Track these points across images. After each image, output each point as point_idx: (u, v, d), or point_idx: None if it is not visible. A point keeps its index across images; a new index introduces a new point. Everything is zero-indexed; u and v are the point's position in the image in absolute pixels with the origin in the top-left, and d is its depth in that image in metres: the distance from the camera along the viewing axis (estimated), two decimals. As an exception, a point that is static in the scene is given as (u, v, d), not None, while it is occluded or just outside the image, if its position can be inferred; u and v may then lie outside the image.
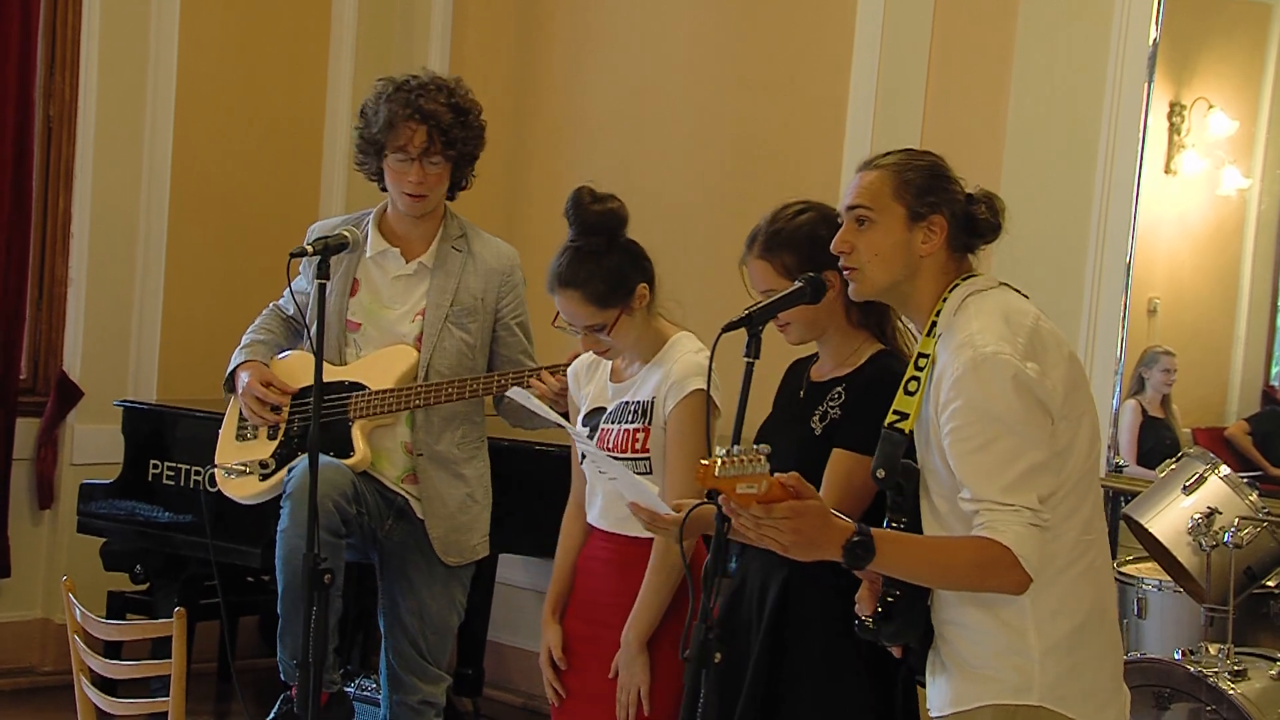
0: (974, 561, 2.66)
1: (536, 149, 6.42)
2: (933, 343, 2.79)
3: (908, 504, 2.80)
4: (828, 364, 3.24)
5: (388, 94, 4.08)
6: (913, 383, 2.79)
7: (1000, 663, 2.74)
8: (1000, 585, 2.69)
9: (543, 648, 3.60)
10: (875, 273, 2.83)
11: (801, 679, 3.12)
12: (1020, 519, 2.65)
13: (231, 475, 4.16)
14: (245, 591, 5.82)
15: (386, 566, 4.17)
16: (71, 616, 3.67)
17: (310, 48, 6.65)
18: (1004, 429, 2.67)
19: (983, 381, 2.67)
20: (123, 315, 6.17)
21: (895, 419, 2.79)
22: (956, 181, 2.89)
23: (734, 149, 5.79)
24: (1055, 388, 2.72)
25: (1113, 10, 4.84)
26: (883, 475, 2.79)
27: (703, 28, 5.96)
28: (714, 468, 2.51)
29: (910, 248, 2.82)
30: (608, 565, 3.53)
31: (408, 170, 4.05)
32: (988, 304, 2.78)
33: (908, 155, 2.89)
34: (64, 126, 6.05)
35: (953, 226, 2.84)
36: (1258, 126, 4.89)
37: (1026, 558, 2.64)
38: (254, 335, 4.27)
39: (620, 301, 3.43)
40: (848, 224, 2.86)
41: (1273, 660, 3.91)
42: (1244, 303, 4.93)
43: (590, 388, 3.62)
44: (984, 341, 2.70)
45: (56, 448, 6.06)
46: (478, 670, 5.57)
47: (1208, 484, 4.05)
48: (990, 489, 2.66)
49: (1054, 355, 2.75)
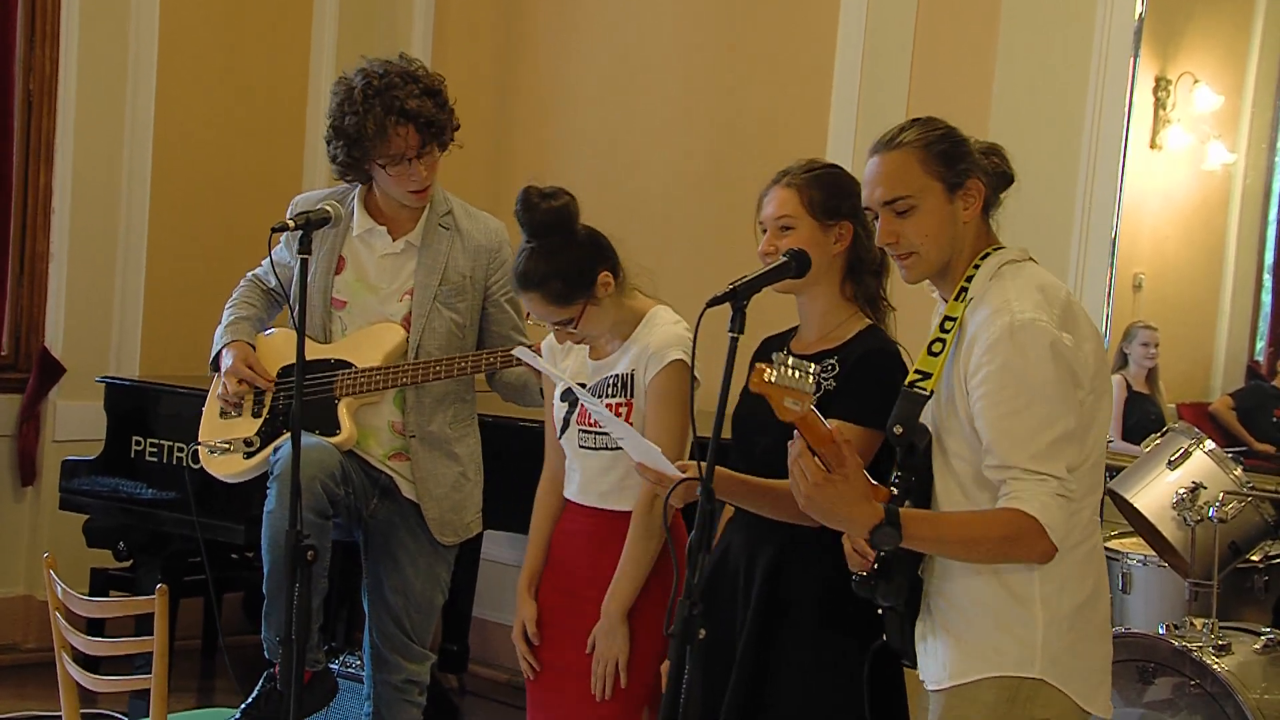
0: (1002, 536, 2.66)
1: (523, 123, 6.40)
2: (961, 307, 2.76)
3: (919, 462, 2.79)
4: (811, 334, 3.22)
5: (361, 101, 3.93)
6: (937, 344, 2.77)
7: (1002, 634, 2.73)
8: (1026, 556, 2.68)
9: (516, 622, 3.60)
10: (930, 253, 2.80)
11: (792, 654, 3.11)
12: (1047, 488, 2.64)
13: (215, 453, 4.14)
14: (229, 568, 5.81)
15: (371, 545, 4.16)
16: (53, 593, 3.66)
17: (293, 20, 6.62)
18: (1037, 395, 2.65)
19: (1019, 347, 2.66)
20: (104, 291, 6.15)
21: (917, 378, 2.78)
22: (969, 141, 2.86)
23: (720, 123, 5.78)
24: (1087, 358, 2.72)
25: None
26: (900, 432, 2.77)
27: (689, 3, 5.94)
28: (770, 373, 2.50)
29: (955, 219, 2.80)
30: (587, 539, 3.52)
31: (407, 172, 3.98)
32: (1024, 273, 2.77)
33: (923, 128, 2.84)
34: (44, 100, 6.01)
35: (986, 186, 2.82)
36: (1243, 101, 4.88)
37: (1053, 527, 2.64)
38: (236, 311, 4.23)
39: (582, 295, 3.41)
40: (886, 217, 2.81)
41: (1257, 634, 3.92)
42: (1229, 278, 4.93)
43: (568, 363, 3.60)
44: (1021, 308, 2.68)
45: (38, 424, 6.04)
46: (463, 646, 5.57)
47: (1192, 459, 4.05)
48: (1019, 455, 2.65)
49: (1085, 329, 2.75)
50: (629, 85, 6.07)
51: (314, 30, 6.64)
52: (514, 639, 3.60)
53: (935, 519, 2.74)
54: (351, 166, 4.02)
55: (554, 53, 6.32)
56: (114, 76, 6.09)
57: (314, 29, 6.64)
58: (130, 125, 6.14)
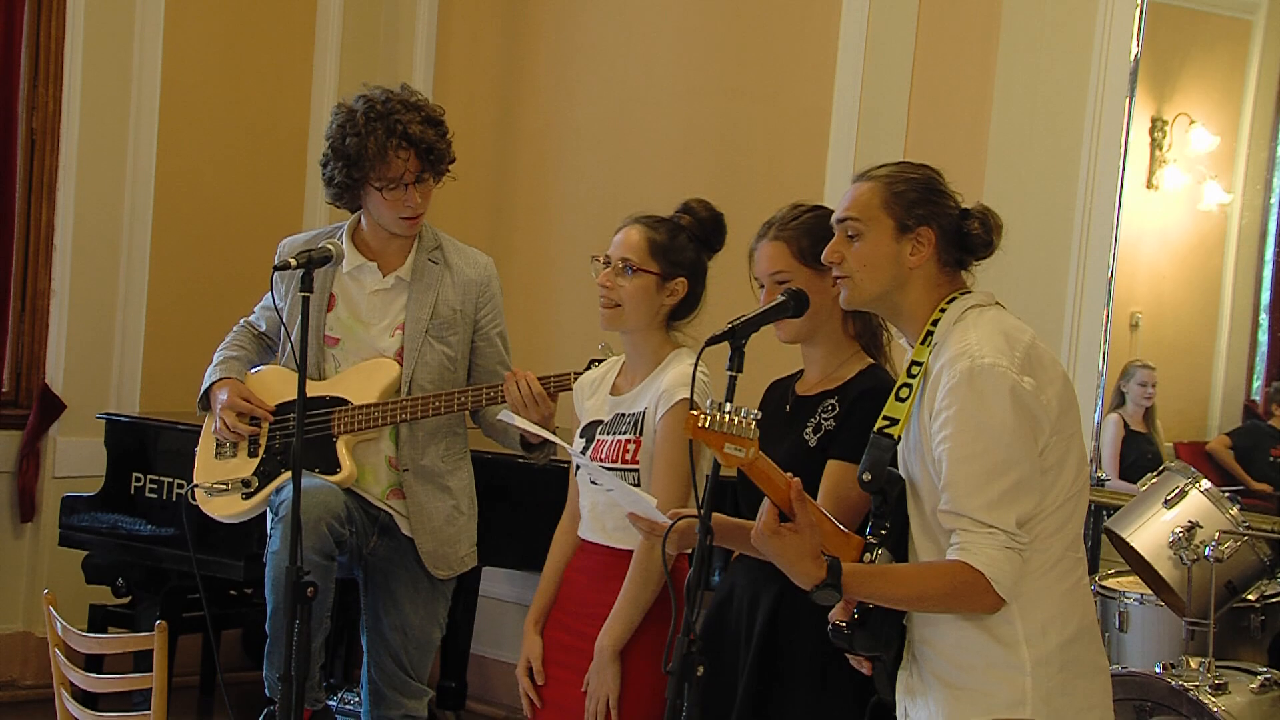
0: (947, 589, 2.69)
1: (522, 157, 6.43)
2: (927, 351, 2.79)
3: (891, 510, 2.80)
4: (814, 376, 3.25)
5: (363, 123, 3.97)
6: (904, 389, 2.80)
7: (991, 676, 2.74)
8: (973, 608, 2.71)
9: (521, 657, 3.60)
10: (864, 282, 2.84)
11: (793, 695, 3.12)
12: (996, 542, 2.66)
13: (213, 494, 4.13)
14: (228, 605, 5.81)
15: (370, 582, 4.16)
16: (53, 630, 3.66)
17: (294, 59, 6.65)
18: (995, 441, 2.67)
19: (978, 391, 2.68)
20: (105, 328, 6.16)
21: (885, 424, 2.80)
22: (950, 196, 2.89)
23: (719, 159, 5.81)
24: (1050, 403, 2.73)
25: (1094, 25, 4.86)
26: (868, 479, 2.80)
27: (688, 38, 5.98)
28: (700, 419, 2.52)
29: (899, 259, 2.83)
30: (591, 577, 3.53)
31: (403, 197, 4.01)
32: (987, 317, 2.80)
33: (901, 168, 2.90)
34: (47, 139, 6.04)
35: (942, 240, 2.84)
36: (1239, 142, 4.91)
37: (999, 580, 2.66)
38: (226, 352, 4.24)
39: (661, 267, 3.48)
40: (838, 235, 2.87)
41: (1253, 674, 3.92)
42: (1225, 317, 4.95)
43: (591, 402, 3.64)
44: (981, 352, 2.70)
45: (39, 460, 6.04)
46: (461, 683, 5.56)
47: (1189, 498, 4.06)
48: (971, 503, 2.67)
49: (1050, 373, 2.76)
50: (628, 121, 6.10)
51: (315, 68, 6.68)
52: (518, 674, 3.61)
53: (879, 575, 2.74)
54: (347, 189, 4.05)
55: (554, 88, 6.35)
56: (116, 115, 6.12)
57: (315, 66, 6.68)
58: (132, 163, 6.16)
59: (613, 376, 3.64)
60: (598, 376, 3.66)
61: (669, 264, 3.50)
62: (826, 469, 3.09)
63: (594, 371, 3.70)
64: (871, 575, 2.73)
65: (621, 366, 3.64)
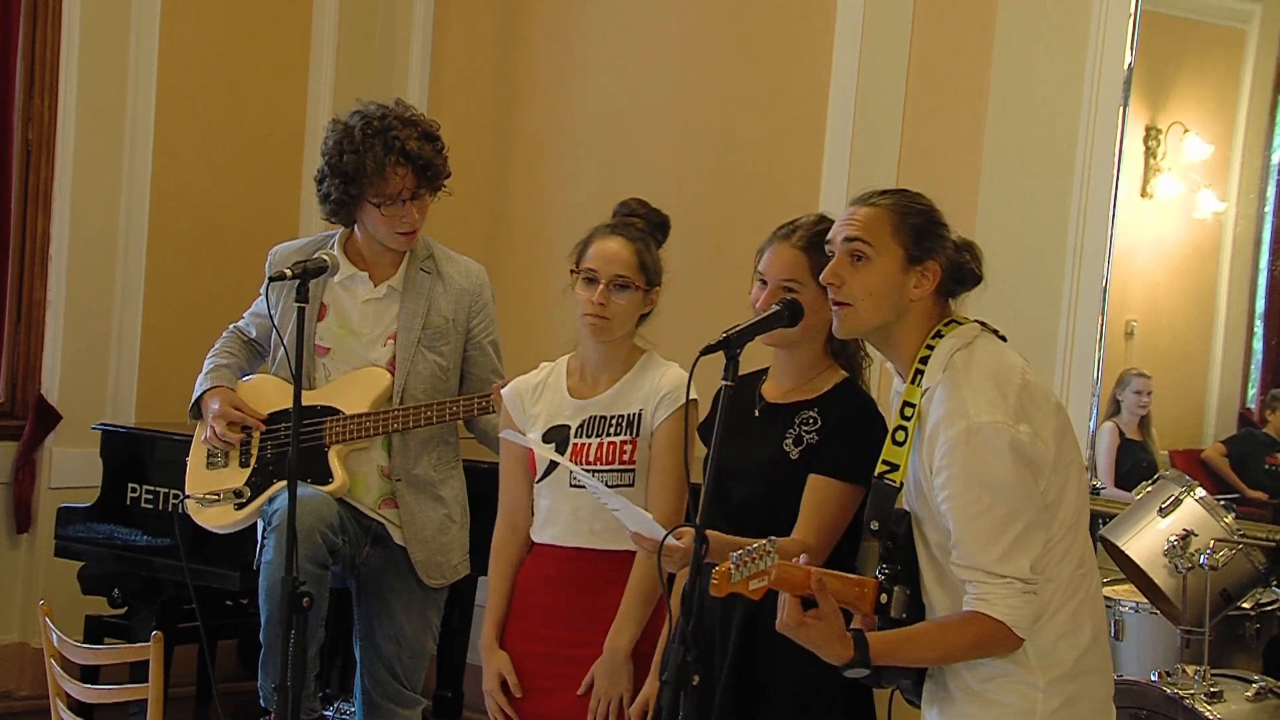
0: (972, 642, 2.74)
1: (518, 163, 6.43)
2: (919, 392, 2.80)
3: (901, 553, 2.83)
4: (787, 383, 3.24)
5: (360, 140, 3.97)
6: (900, 433, 2.81)
7: (1004, 686, 2.78)
8: (996, 653, 2.77)
9: (490, 674, 3.53)
10: (866, 311, 2.82)
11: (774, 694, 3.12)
12: (1011, 591, 2.71)
13: (205, 505, 4.14)
14: (223, 615, 5.80)
15: (363, 592, 4.16)
16: (48, 641, 3.66)
17: (290, 68, 6.65)
18: (999, 496, 2.70)
19: (976, 452, 2.70)
20: (101, 338, 6.16)
21: (885, 469, 2.82)
22: (948, 229, 2.90)
23: (715, 165, 5.81)
24: (1048, 445, 2.75)
25: (1088, 34, 4.86)
26: (876, 527, 2.82)
27: (684, 44, 5.98)
28: (729, 576, 2.57)
29: (903, 290, 2.82)
30: (572, 583, 3.49)
31: (400, 213, 4.02)
32: (975, 361, 2.79)
33: (905, 197, 2.89)
34: (42, 150, 6.03)
35: (944, 274, 2.85)
36: (1233, 150, 4.91)
37: (1019, 625, 2.72)
38: (217, 360, 4.24)
39: (647, 279, 3.50)
40: (841, 257, 2.83)
41: (1248, 682, 3.92)
42: (1220, 326, 4.95)
43: (540, 408, 3.58)
44: (976, 410, 2.72)
45: (34, 471, 6.03)
46: (456, 693, 5.55)
47: (1184, 506, 4.06)
48: (984, 558, 2.71)
49: (1044, 410, 2.78)
50: (624, 128, 6.11)
51: (311, 77, 6.67)
52: (488, 691, 3.53)
53: (905, 643, 2.78)
54: (344, 205, 4.05)
55: (550, 95, 6.36)
56: (112, 126, 6.12)
57: (311, 75, 6.67)
58: (128, 174, 6.16)
59: (560, 379, 3.58)
60: (539, 381, 3.61)
61: (653, 275, 3.53)
62: (810, 483, 3.09)
63: (528, 376, 3.63)
64: (897, 643, 2.78)
65: (570, 368, 3.59)
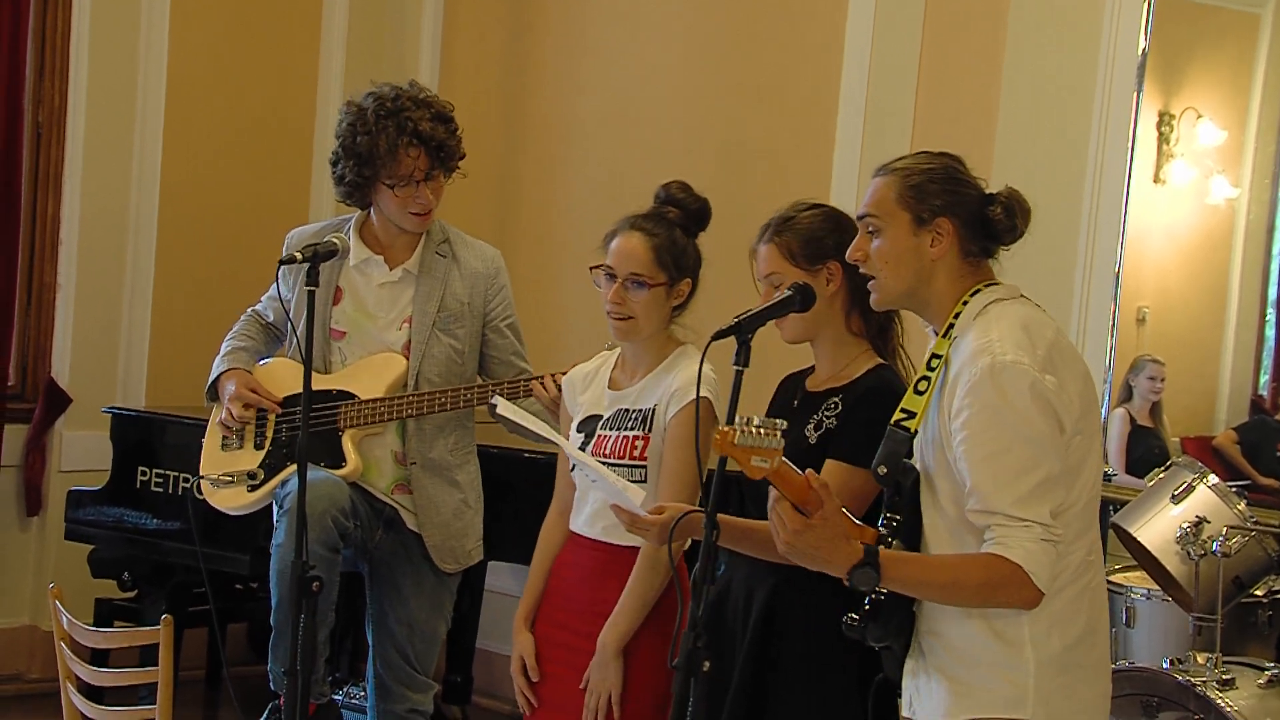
0: (984, 581, 2.64)
1: (528, 151, 6.43)
2: (947, 344, 2.75)
3: (905, 502, 2.77)
4: (824, 373, 3.24)
5: (374, 121, 3.97)
6: (923, 382, 2.76)
7: (993, 674, 2.72)
8: (1010, 602, 2.67)
9: (515, 655, 3.57)
10: (889, 281, 2.81)
11: (789, 687, 3.11)
12: (1032, 534, 2.62)
13: (218, 486, 4.14)
14: (233, 599, 5.81)
15: (375, 576, 4.16)
16: (58, 623, 3.66)
17: (300, 53, 6.64)
18: (1019, 437, 2.63)
19: (1000, 388, 2.64)
20: (111, 321, 6.16)
21: (902, 417, 2.76)
22: (971, 183, 2.84)
23: (724, 155, 5.80)
24: (1072, 401, 2.69)
25: (1102, 20, 4.85)
26: (884, 472, 2.77)
27: (694, 34, 5.97)
28: (733, 435, 2.52)
29: (919, 253, 2.79)
30: (587, 572, 3.50)
31: (414, 194, 4.01)
32: (1009, 312, 2.75)
33: (917, 159, 2.86)
34: (53, 132, 6.04)
35: (963, 229, 2.80)
36: (1246, 136, 4.90)
37: (1037, 574, 2.62)
38: (234, 342, 4.25)
39: (669, 272, 3.45)
40: (861, 233, 2.84)
41: (1260, 669, 3.91)
42: (1232, 312, 4.94)
43: (585, 396, 3.60)
44: (1003, 349, 2.66)
45: (45, 454, 6.04)
46: (466, 678, 5.56)
47: (1196, 493, 4.05)
48: (1002, 500, 2.63)
49: (1072, 370, 2.73)
50: (635, 115, 6.10)
51: (321, 61, 6.67)
52: (512, 673, 3.58)
53: (916, 561, 2.72)
54: (358, 187, 4.05)
55: (560, 83, 6.35)
56: (122, 109, 6.12)
57: (321, 59, 6.67)
58: (138, 157, 6.16)
59: (608, 370, 3.60)
60: (591, 370, 3.62)
61: (675, 268, 3.47)
62: (825, 468, 3.07)
63: (586, 365, 3.65)
64: (908, 559, 2.71)
65: (619, 360, 3.60)
